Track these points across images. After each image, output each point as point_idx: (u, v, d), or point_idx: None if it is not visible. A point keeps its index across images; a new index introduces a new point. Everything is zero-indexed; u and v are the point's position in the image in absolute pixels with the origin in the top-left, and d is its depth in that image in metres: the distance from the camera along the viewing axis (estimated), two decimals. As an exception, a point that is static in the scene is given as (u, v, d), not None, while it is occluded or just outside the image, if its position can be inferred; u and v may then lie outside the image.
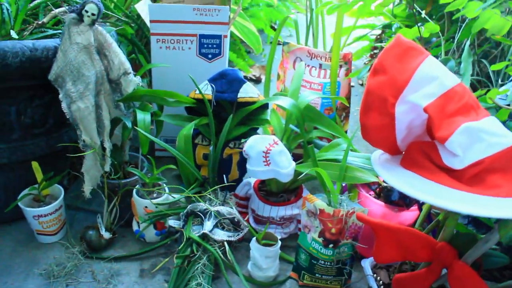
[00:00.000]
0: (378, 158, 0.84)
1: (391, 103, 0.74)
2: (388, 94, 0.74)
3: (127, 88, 1.08)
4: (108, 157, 1.07)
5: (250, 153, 1.05)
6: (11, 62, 0.96)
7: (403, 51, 0.75)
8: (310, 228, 1.03)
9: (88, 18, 0.98)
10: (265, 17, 2.07)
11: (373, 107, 0.76)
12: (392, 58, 0.75)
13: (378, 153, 0.86)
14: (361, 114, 0.79)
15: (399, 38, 0.76)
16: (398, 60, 0.74)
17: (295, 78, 1.16)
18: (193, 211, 1.07)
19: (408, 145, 0.81)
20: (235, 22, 1.76)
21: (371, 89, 0.76)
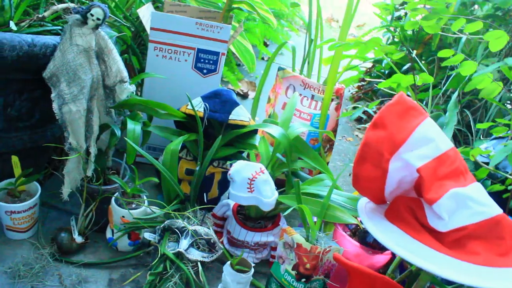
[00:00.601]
0: (364, 207, 0.86)
1: (386, 158, 0.76)
2: (385, 149, 0.76)
3: (120, 95, 1.07)
4: (92, 162, 1.06)
5: (235, 178, 1.05)
6: (8, 55, 0.93)
7: (404, 110, 0.77)
8: (284, 259, 1.04)
9: (92, 22, 0.96)
10: (260, 34, 2.08)
11: (368, 158, 0.78)
12: (393, 115, 0.77)
13: (364, 201, 0.88)
14: (355, 163, 0.80)
15: (401, 96, 0.79)
16: (399, 118, 0.77)
17: (287, 108, 1.17)
18: (170, 227, 1.07)
19: (394, 198, 0.83)
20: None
21: (369, 141, 0.78)
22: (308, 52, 1.35)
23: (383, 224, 0.81)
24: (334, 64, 1.23)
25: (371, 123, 0.78)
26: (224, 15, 1.33)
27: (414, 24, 1.07)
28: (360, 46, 1.09)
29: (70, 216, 1.13)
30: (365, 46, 1.08)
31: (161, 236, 1.07)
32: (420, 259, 0.72)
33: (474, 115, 1.61)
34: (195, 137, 1.16)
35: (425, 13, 1.01)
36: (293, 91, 1.35)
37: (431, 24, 1.05)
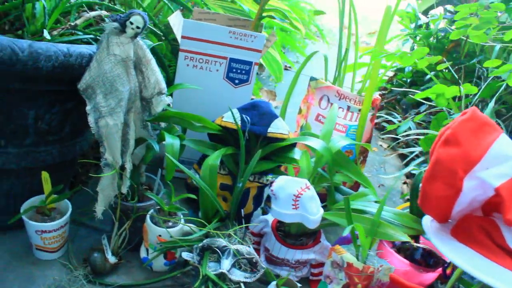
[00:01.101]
0: (430, 226, 0.81)
1: (460, 176, 0.72)
2: (459, 167, 0.71)
3: (156, 107, 1.01)
4: (127, 178, 1.00)
5: (279, 194, 1.01)
6: (43, 65, 0.88)
7: (478, 126, 0.73)
8: (332, 279, 0.99)
9: (131, 30, 0.91)
10: (278, 41, 2.04)
11: (439, 177, 0.74)
12: (467, 132, 0.72)
13: (428, 220, 0.84)
14: (425, 181, 0.76)
15: (475, 112, 0.74)
16: (473, 135, 0.72)
17: (328, 120, 1.13)
18: (209, 246, 1.01)
19: (463, 218, 0.78)
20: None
21: (441, 159, 0.73)
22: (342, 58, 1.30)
23: (453, 245, 0.76)
24: (373, 74, 1.18)
25: (443, 140, 0.74)
26: (255, 24, 1.28)
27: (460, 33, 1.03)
28: (405, 57, 1.05)
29: (100, 234, 1.07)
30: (410, 57, 1.04)
31: (200, 255, 1.01)
32: (503, 283, 0.67)
33: (504, 122, 1.58)
34: (231, 150, 1.11)
35: (475, 23, 0.97)
36: (327, 102, 1.31)
37: (479, 34, 1.01)
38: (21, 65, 0.86)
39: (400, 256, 1.04)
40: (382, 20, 1.18)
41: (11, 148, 0.98)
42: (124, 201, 1.04)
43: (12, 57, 0.84)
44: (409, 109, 1.95)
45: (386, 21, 1.18)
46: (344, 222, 1.02)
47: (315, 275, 1.15)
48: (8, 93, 0.92)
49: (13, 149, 0.99)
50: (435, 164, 0.74)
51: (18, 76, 0.88)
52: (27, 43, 0.86)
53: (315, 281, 1.15)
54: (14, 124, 0.96)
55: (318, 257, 1.12)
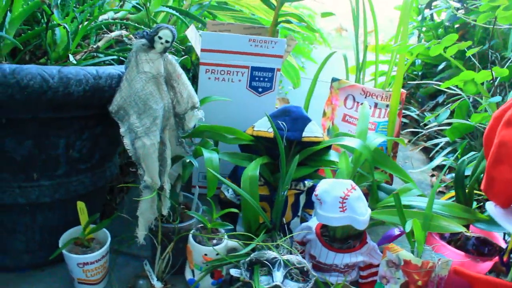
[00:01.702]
0: (496, 212, 0.79)
1: (530, 156, 0.69)
2: (528, 146, 0.69)
3: (189, 123, 0.98)
4: (168, 198, 0.97)
5: (324, 198, 0.97)
6: (74, 90, 0.85)
7: (541, 102, 0.71)
8: (389, 279, 0.96)
9: (160, 45, 0.88)
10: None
11: (505, 160, 0.71)
12: (532, 109, 0.70)
13: (492, 205, 0.81)
14: (490, 166, 0.73)
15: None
16: (540, 111, 0.70)
17: (361, 119, 1.10)
18: (258, 259, 0.98)
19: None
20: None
21: (505, 141, 0.71)
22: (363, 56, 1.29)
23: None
24: (399, 68, 1.17)
25: (505, 121, 0.71)
26: (272, 30, 1.26)
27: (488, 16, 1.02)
28: (434, 46, 1.03)
29: (138, 260, 1.04)
30: (439, 46, 1.03)
31: (249, 270, 0.98)
32: None
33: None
34: (266, 160, 1.08)
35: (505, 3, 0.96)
36: (353, 101, 1.29)
37: (508, 14, 0.99)
38: (52, 92, 0.82)
39: (453, 248, 1.01)
40: (401, 14, 1.17)
41: (44, 181, 0.95)
42: (164, 223, 1.00)
43: (42, 85, 0.81)
44: (425, 101, 1.93)
45: (405, 14, 1.17)
46: (393, 219, 0.99)
47: (364, 277, 1.11)
48: (39, 123, 0.89)
49: (46, 182, 0.95)
50: (499, 147, 0.71)
51: (49, 103, 0.85)
52: (56, 69, 0.83)
53: (366, 284, 1.11)
54: (46, 155, 0.93)
55: (366, 258, 1.09)
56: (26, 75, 0.80)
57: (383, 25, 3.35)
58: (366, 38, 1.35)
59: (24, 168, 0.92)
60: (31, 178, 0.94)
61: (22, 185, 0.93)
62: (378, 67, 1.38)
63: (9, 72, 0.79)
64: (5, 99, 0.80)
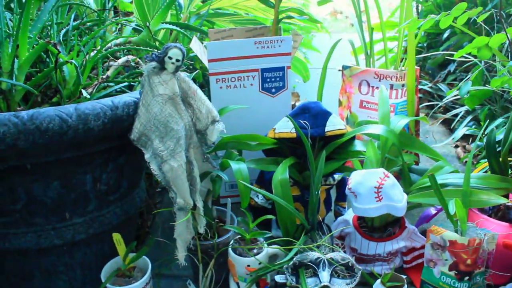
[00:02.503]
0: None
1: None
2: None
3: (211, 137, 0.97)
4: (202, 216, 0.96)
5: (358, 191, 0.96)
6: (93, 125, 0.84)
7: None
8: (436, 261, 0.94)
9: (172, 65, 0.87)
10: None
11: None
12: None
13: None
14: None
15: None
16: None
17: (381, 103, 1.08)
18: (302, 262, 0.97)
19: None
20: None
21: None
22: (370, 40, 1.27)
23: None
24: (410, 45, 1.14)
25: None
26: (275, 28, 1.24)
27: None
28: (444, 18, 1.01)
29: (180, 281, 1.03)
30: (449, 17, 1.00)
31: (294, 275, 0.97)
32: None
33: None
34: (292, 160, 1.07)
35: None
36: (368, 86, 1.27)
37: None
38: (72, 131, 0.81)
39: (496, 220, 1.00)
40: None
41: (76, 219, 0.94)
42: (202, 240, 0.99)
43: (62, 126, 0.80)
44: (435, 72, 1.91)
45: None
46: (432, 201, 0.98)
47: (408, 262, 1.10)
48: (63, 163, 0.88)
49: (79, 219, 0.95)
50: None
51: (71, 142, 0.84)
52: (73, 107, 0.82)
53: (411, 269, 1.10)
54: (75, 193, 0.92)
55: (407, 243, 1.07)
56: (44, 118, 0.79)
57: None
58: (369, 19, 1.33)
59: (55, 209, 0.91)
60: (64, 218, 0.93)
61: (56, 226, 0.93)
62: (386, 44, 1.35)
63: (28, 119, 0.78)
64: (28, 145, 0.79)
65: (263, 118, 1.18)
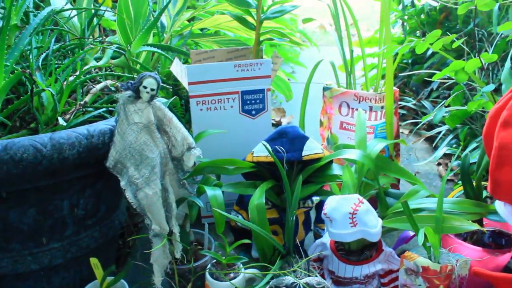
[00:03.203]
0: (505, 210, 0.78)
1: (531, 156, 0.69)
2: (528, 147, 0.68)
3: (188, 163, 0.98)
4: (178, 242, 0.97)
5: (333, 216, 0.97)
6: (68, 154, 0.85)
7: (535, 99, 0.70)
8: (410, 286, 0.95)
9: (146, 94, 0.88)
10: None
11: (507, 162, 0.71)
12: (526, 108, 0.69)
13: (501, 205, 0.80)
14: (493, 169, 0.73)
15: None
16: (534, 110, 0.69)
17: (358, 127, 1.10)
18: (278, 286, 0.97)
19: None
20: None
21: (505, 143, 0.70)
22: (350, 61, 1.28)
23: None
24: (389, 68, 1.16)
25: (501, 123, 0.71)
26: (256, 50, 1.26)
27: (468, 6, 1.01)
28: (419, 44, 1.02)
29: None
30: (424, 43, 1.02)
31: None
32: None
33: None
34: (271, 184, 1.07)
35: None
36: (348, 107, 1.28)
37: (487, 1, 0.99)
38: (47, 160, 0.82)
39: (470, 245, 1.01)
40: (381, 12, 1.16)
41: (54, 243, 0.95)
42: (179, 264, 1.00)
43: (36, 155, 0.81)
44: (419, 89, 1.92)
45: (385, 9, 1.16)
46: (405, 226, 0.99)
47: (386, 284, 1.11)
48: (39, 190, 0.89)
49: (56, 244, 0.95)
50: (500, 150, 0.71)
51: (46, 171, 0.85)
52: (47, 136, 0.83)
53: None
54: (51, 219, 0.93)
55: (384, 266, 1.08)
56: (18, 148, 0.80)
57: (366, 14, 3.32)
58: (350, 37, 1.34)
59: (31, 235, 0.92)
60: (41, 243, 0.94)
61: (33, 251, 0.94)
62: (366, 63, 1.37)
63: (2, 149, 0.79)
64: (2, 175, 0.80)
65: (243, 140, 1.19)
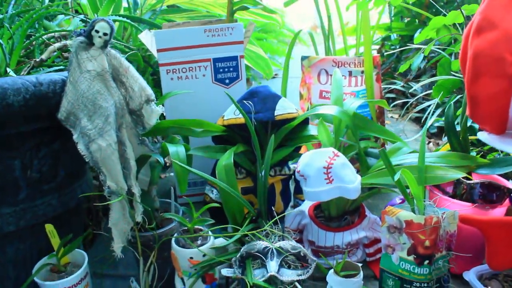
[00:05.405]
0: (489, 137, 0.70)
1: (509, 61, 0.61)
2: (505, 51, 0.61)
3: (149, 120, 0.92)
4: (139, 203, 0.89)
5: (307, 173, 0.89)
6: (13, 100, 0.79)
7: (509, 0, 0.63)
8: (394, 247, 0.86)
9: (99, 39, 0.83)
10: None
11: (483, 71, 0.63)
12: (500, 10, 0.62)
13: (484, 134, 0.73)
14: (468, 83, 0.65)
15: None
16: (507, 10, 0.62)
17: (334, 86, 1.03)
18: (249, 252, 0.89)
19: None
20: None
21: (480, 50, 0.63)
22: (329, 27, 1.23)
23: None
24: (365, 28, 1.10)
25: (474, 30, 0.64)
26: (229, 20, 1.21)
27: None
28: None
29: (127, 281, 0.95)
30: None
31: (241, 267, 0.89)
32: None
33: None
34: (242, 148, 1.00)
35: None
36: (326, 75, 1.22)
37: None
38: (-12, 106, 0.76)
39: (458, 201, 0.92)
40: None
41: (5, 208, 0.88)
42: (142, 232, 0.92)
43: (-23, 99, 0.75)
44: (408, 73, 1.86)
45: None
46: (386, 180, 0.91)
47: (371, 255, 1.02)
48: (-14, 146, 0.82)
49: (8, 209, 0.88)
50: (474, 59, 0.63)
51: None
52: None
53: (374, 262, 1.02)
54: (2, 180, 0.86)
55: (369, 233, 1.00)
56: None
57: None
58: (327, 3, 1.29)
59: (-21, 197, 0.85)
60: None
61: (-19, 216, 0.86)
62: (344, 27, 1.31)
63: None
64: None
65: (217, 111, 1.13)
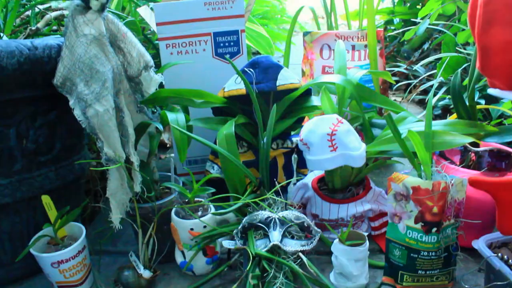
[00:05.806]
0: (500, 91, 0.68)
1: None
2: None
3: (148, 88, 0.90)
4: (137, 172, 0.87)
5: (310, 140, 0.87)
6: (7, 63, 0.77)
7: None
8: (401, 215, 0.83)
9: (96, 2, 0.80)
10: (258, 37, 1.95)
11: (496, 18, 0.60)
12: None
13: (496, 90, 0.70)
14: (479, 33, 0.62)
15: None
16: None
17: (337, 57, 1.00)
18: (251, 223, 0.86)
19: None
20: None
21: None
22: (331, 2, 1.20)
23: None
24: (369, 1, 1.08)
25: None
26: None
27: None
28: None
29: (126, 256, 0.93)
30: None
31: (243, 238, 0.86)
32: None
33: None
34: (243, 119, 0.98)
35: None
36: (329, 50, 1.19)
37: None
38: (-20, 67, 0.74)
39: (466, 169, 0.90)
40: None
41: (0, 179, 0.85)
42: (141, 203, 0.90)
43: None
44: (411, 54, 1.84)
45: None
46: (392, 147, 0.88)
47: (376, 228, 1.00)
48: (-21, 112, 0.80)
49: (3, 180, 0.86)
50: (485, 6, 0.60)
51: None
52: (-18, 43, 0.75)
53: (379, 236, 0.99)
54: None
55: (374, 206, 0.97)
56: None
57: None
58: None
59: (-27, 167, 0.83)
60: (-16, 177, 0.84)
61: (-25, 186, 0.84)
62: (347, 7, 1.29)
63: None
64: None
65: (217, 86, 1.10)
